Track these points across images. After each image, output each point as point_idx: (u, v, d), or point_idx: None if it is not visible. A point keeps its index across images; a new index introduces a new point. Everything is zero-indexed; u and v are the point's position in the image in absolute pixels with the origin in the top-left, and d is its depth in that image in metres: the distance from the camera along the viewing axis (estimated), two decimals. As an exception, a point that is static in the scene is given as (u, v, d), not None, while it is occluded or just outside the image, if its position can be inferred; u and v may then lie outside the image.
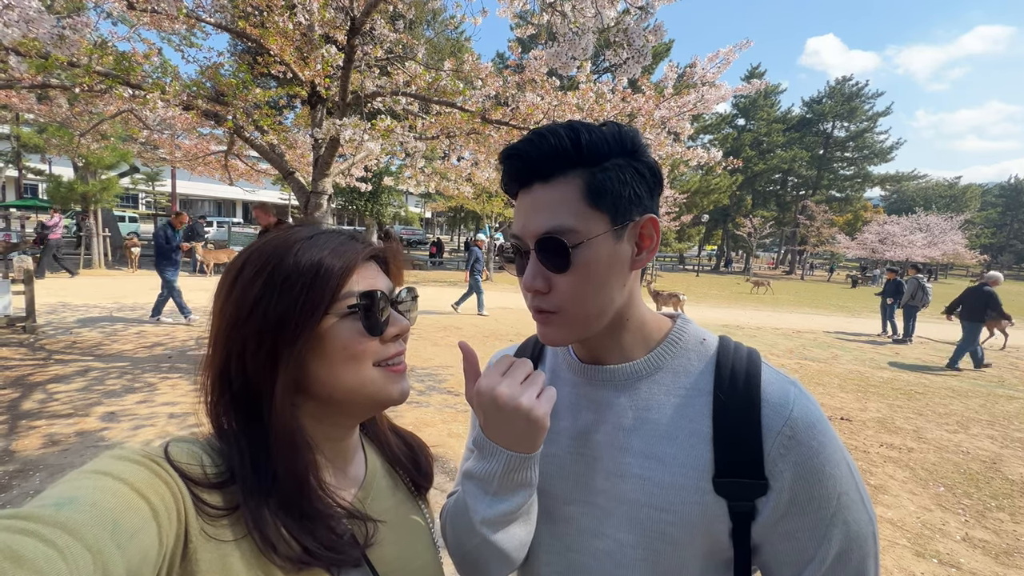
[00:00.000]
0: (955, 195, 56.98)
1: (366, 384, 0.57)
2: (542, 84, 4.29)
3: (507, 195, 0.65)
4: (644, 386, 0.65)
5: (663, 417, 0.63)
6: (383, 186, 20.16)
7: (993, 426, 5.06)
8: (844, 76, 44.01)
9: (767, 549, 0.59)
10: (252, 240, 7.08)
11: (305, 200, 4.44)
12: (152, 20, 4.07)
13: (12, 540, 0.31)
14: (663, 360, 0.66)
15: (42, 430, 3.65)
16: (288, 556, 0.49)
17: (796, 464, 0.56)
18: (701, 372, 0.64)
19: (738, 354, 0.64)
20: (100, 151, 10.40)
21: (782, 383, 0.61)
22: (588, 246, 0.57)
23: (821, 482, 0.56)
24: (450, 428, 4.01)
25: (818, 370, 7.24)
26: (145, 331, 7.08)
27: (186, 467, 0.48)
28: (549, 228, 0.57)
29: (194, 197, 39.38)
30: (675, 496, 0.59)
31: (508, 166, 0.60)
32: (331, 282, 0.54)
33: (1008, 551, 2.86)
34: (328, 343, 0.55)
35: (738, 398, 0.60)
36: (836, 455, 0.57)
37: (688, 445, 0.60)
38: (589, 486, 0.65)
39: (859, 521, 0.57)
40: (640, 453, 0.62)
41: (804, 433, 0.56)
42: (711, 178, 31.77)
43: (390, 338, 0.59)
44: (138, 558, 0.37)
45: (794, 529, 0.57)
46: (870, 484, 3.59)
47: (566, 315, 0.60)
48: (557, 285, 0.58)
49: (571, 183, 0.57)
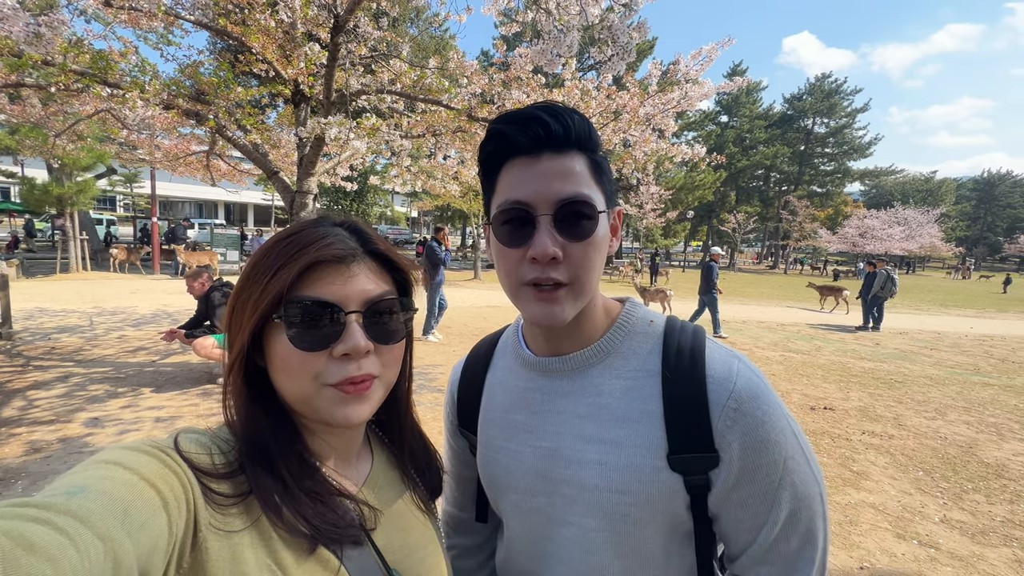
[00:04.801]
0: (931, 189, 58.46)
1: (308, 400, 0.54)
2: (528, 82, 4.30)
3: (485, 164, 0.63)
4: (596, 372, 0.66)
5: (615, 401, 0.64)
6: (369, 185, 20.01)
7: (969, 412, 5.22)
8: (823, 73, 44.92)
9: (724, 517, 0.62)
10: (235, 242, 6.99)
11: (290, 200, 4.40)
12: (129, 18, 3.99)
13: (24, 528, 0.31)
14: (613, 344, 0.67)
15: (23, 437, 3.57)
16: (294, 530, 0.50)
17: (743, 435, 0.58)
18: (649, 353, 0.65)
19: (683, 333, 0.66)
20: (76, 152, 10.14)
21: (726, 358, 0.63)
22: (601, 218, 0.59)
23: (767, 449, 0.58)
24: (440, 426, 4.00)
25: (802, 362, 7.38)
26: (127, 336, 6.94)
27: (195, 457, 0.48)
28: (574, 194, 0.57)
29: (175, 199, 38.59)
30: (633, 477, 0.60)
31: (525, 128, 0.58)
32: (271, 285, 0.51)
33: (984, 531, 2.97)
34: (269, 350, 0.54)
35: (685, 376, 0.61)
36: (780, 422, 0.59)
37: (641, 426, 0.61)
38: (551, 477, 0.66)
39: (806, 483, 0.60)
40: (596, 439, 0.63)
41: (748, 404, 0.58)
42: (696, 175, 32.11)
43: (339, 356, 0.53)
44: (148, 547, 0.38)
45: (746, 496, 0.59)
46: (852, 471, 3.68)
47: (576, 287, 0.59)
48: (571, 254, 0.58)
49: (581, 159, 0.59)
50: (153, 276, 14.65)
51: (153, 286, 12.49)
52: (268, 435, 0.54)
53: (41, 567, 0.30)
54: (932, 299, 19.99)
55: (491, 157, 0.62)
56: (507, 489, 0.71)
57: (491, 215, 0.63)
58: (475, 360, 0.82)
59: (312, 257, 0.52)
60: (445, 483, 0.88)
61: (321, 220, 0.58)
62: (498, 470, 0.72)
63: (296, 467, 0.54)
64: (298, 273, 0.52)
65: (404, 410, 0.72)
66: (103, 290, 11.26)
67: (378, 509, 0.60)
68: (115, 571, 0.34)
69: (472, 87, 4.41)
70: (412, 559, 0.62)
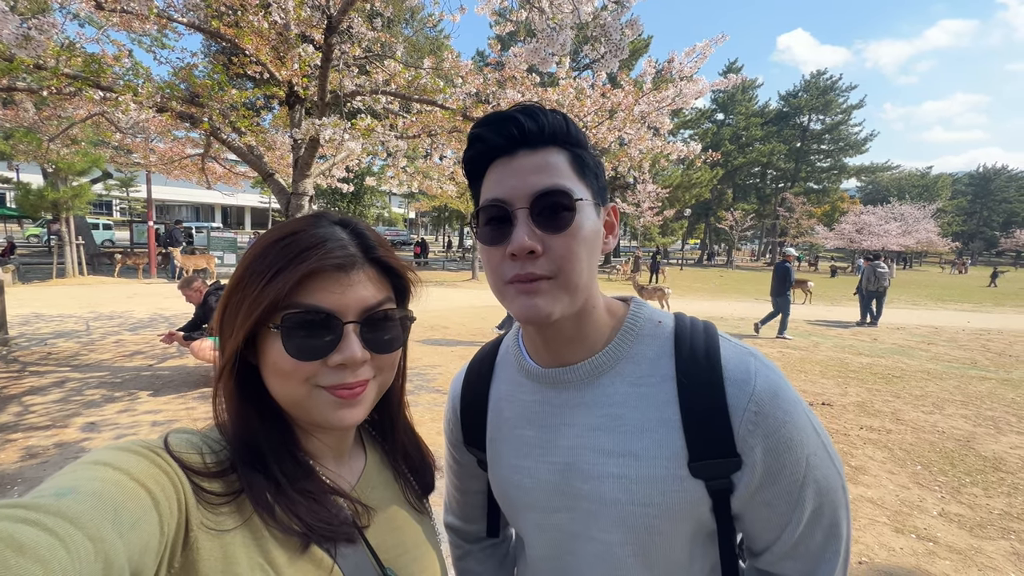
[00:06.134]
0: (927, 185, 58.65)
1: (300, 403, 0.53)
2: (522, 81, 4.30)
3: (468, 169, 0.63)
4: (606, 380, 0.64)
5: (629, 411, 0.61)
6: (365, 187, 19.98)
7: (967, 406, 5.23)
8: (819, 70, 45.06)
9: (748, 517, 0.62)
10: (232, 245, 6.99)
11: (286, 202, 4.39)
12: (122, 21, 3.97)
13: (13, 529, 0.31)
14: (622, 349, 0.64)
15: (19, 443, 3.55)
16: (287, 529, 0.50)
17: (765, 437, 0.57)
18: (660, 356, 0.63)
19: (695, 332, 0.64)
20: (71, 156, 10.09)
21: (742, 356, 0.61)
22: (582, 207, 0.57)
23: (790, 449, 0.57)
24: (439, 427, 4.00)
25: (800, 357, 7.40)
26: (124, 340, 6.91)
27: (186, 456, 0.48)
28: (549, 185, 0.56)
29: (171, 202, 38.51)
30: (655, 489, 0.59)
31: (499, 129, 0.58)
32: (267, 290, 0.50)
33: (982, 524, 2.98)
34: (262, 352, 0.53)
35: (702, 380, 0.59)
36: (801, 419, 0.59)
37: (660, 436, 0.60)
38: (569, 492, 0.64)
39: (828, 477, 0.59)
40: (614, 452, 0.61)
41: (769, 405, 0.57)
42: (692, 173, 32.17)
43: (334, 365, 0.52)
44: (139, 547, 0.37)
45: (770, 497, 0.59)
46: (851, 466, 3.69)
47: (560, 280, 0.57)
48: (552, 246, 0.56)
49: (559, 153, 0.59)
50: (149, 280, 14.61)
51: (150, 290, 12.46)
52: (260, 435, 0.54)
53: (31, 568, 0.30)
54: (929, 294, 20.05)
55: (472, 162, 0.62)
56: (525, 508, 0.69)
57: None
58: (475, 373, 0.78)
59: (312, 265, 0.50)
60: (450, 496, 0.87)
61: (320, 218, 0.56)
62: (513, 489, 0.69)
63: (289, 466, 0.54)
64: (296, 280, 0.50)
65: (397, 410, 0.71)
66: (100, 295, 11.22)
67: (372, 508, 0.60)
68: (106, 571, 0.34)
69: (467, 87, 4.41)
70: (406, 558, 0.61)
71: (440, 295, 11.88)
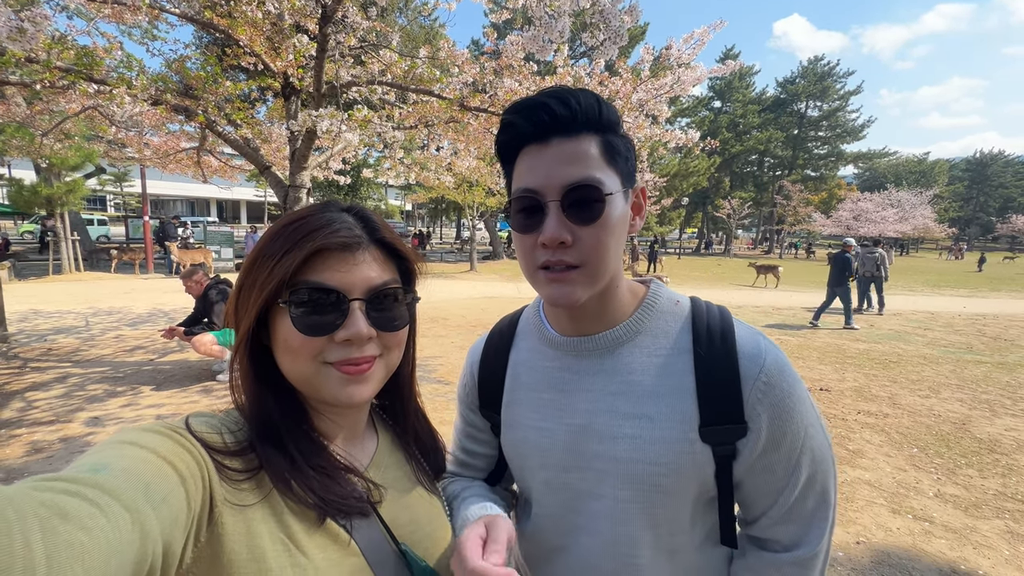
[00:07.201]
0: (924, 171, 58.60)
1: (310, 379, 0.55)
2: (519, 69, 4.27)
3: (501, 153, 0.65)
4: (626, 350, 0.68)
5: (647, 378, 0.66)
6: (362, 179, 19.85)
7: (962, 390, 5.29)
8: (816, 56, 44.69)
9: (748, 483, 0.66)
10: (229, 239, 6.98)
11: (284, 195, 4.37)
12: (113, 12, 3.91)
13: (58, 499, 0.33)
14: (642, 324, 0.69)
15: (24, 438, 3.57)
16: (303, 501, 0.52)
17: (771, 406, 0.62)
18: (679, 332, 0.68)
19: (711, 312, 0.69)
20: (64, 151, 10.00)
21: (753, 335, 0.67)
22: (612, 200, 0.60)
23: (792, 419, 0.63)
24: (441, 416, 4.03)
25: (798, 344, 7.45)
26: (124, 335, 6.91)
27: (207, 436, 0.50)
28: (582, 178, 0.58)
29: (166, 197, 38.22)
30: (666, 449, 0.63)
31: (531, 116, 0.59)
32: (277, 269, 0.52)
33: (977, 504, 3.03)
34: (273, 330, 0.56)
35: (718, 353, 0.64)
36: (801, 393, 0.65)
37: (674, 401, 0.64)
38: (583, 452, 0.68)
39: (822, 447, 0.66)
40: (630, 414, 0.65)
41: (777, 377, 0.63)
42: (690, 161, 32.02)
43: (340, 341, 0.54)
44: (170, 520, 0.39)
45: (771, 463, 0.64)
46: (849, 449, 3.74)
47: (588, 269, 0.61)
48: (581, 238, 0.59)
49: (591, 140, 0.60)
50: (146, 276, 14.55)
51: (147, 285, 12.42)
52: (275, 414, 0.55)
53: (77, 535, 0.32)
54: (926, 280, 20.13)
55: (505, 147, 0.64)
56: (538, 467, 0.72)
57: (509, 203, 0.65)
58: (497, 340, 0.82)
59: (319, 243, 0.53)
60: (454, 458, 0.90)
61: (329, 205, 0.59)
62: (530, 448, 0.73)
63: (304, 444, 0.56)
64: (304, 258, 0.53)
65: (408, 394, 0.73)
66: (97, 291, 11.18)
67: (384, 486, 0.61)
68: (142, 541, 0.36)
69: (463, 76, 4.37)
70: (419, 534, 0.63)
71: (438, 288, 11.88)
